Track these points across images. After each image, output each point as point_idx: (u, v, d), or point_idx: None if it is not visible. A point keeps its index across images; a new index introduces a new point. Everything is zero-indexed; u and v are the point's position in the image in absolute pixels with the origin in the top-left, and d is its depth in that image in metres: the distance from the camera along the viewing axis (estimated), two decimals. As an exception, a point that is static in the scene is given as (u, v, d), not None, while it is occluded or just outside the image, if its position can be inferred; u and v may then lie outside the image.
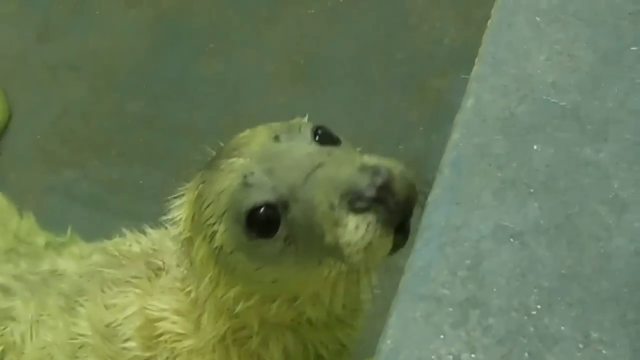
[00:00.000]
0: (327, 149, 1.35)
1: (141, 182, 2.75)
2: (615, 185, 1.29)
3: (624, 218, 1.25)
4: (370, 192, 1.26)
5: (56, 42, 3.25)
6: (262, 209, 1.31)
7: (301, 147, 1.34)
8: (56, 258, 1.87)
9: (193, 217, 1.41)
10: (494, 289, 1.20)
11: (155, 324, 1.59)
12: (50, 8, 3.31)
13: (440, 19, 2.93)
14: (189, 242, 1.45)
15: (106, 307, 1.67)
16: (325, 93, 2.89)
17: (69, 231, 2.11)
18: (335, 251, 1.31)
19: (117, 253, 1.76)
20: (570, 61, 1.42)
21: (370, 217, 1.27)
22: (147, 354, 1.59)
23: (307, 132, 1.37)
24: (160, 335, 1.58)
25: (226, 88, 3.00)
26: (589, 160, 1.32)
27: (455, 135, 1.38)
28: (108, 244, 1.86)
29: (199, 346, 1.55)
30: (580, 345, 1.13)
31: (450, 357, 1.15)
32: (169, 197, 1.50)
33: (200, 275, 1.44)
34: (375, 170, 1.27)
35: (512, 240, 1.24)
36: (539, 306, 1.18)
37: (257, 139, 1.38)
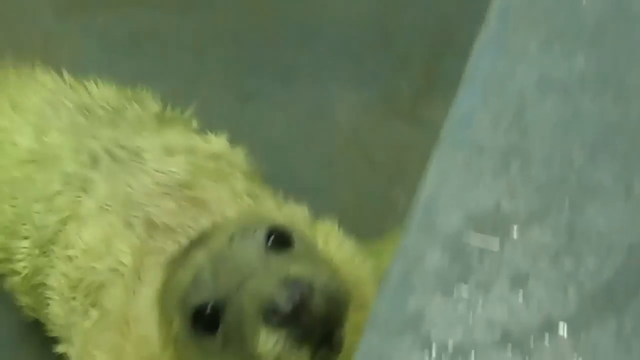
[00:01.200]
0: (268, 256, 1.39)
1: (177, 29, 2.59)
2: None
3: None
4: (285, 308, 1.28)
5: None
6: (206, 308, 1.37)
7: (247, 253, 1.38)
8: (152, 135, 1.81)
9: (159, 296, 1.48)
10: (537, 139, 1.19)
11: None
12: None
13: None
14: (160, 312, 1.50)
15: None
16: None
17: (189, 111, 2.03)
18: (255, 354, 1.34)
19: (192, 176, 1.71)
20: None
21: (281, 332, 1.31)
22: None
23: (260, 236, 1.41)
24: None
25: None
26: (638, 15, 1.28)
27: (503, -15, 1.35)
28: (199, 147, 1.81)
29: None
30: (622, 197, 1.13)
31: (490, 204, 1.14)
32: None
33: (164, 347, 1.48)
34: (294, 285, 1.29)
35: (557, 90, 1.23)
36: (582, 157, 1.17)
37: (217, 237, 1.43)
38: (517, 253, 1.10)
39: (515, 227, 1.12)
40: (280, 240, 1.41)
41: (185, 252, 1.44)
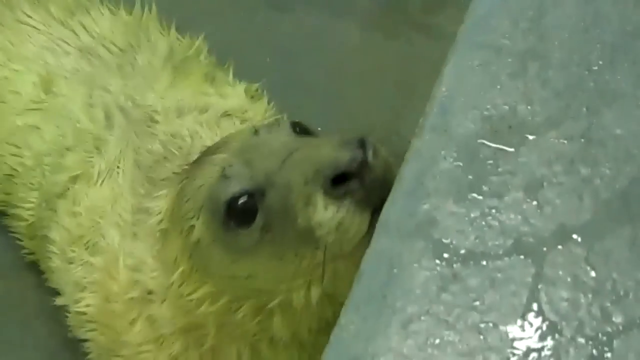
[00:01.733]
0: (304, 138, 1.21)
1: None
2: None
3: None
4: (347, 167, 1.10)
5: None
6: (239, 199, 1.18)
7: (279, 138, 1.21)
8: (166, 91, 1.66)
9: (173, 210, 1.28)
10: (556, 42, 1.08)
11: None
12: None
13: None
14: (165, 234, 1.31)
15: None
16: None
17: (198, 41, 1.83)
18: (309, 236, 1.14)
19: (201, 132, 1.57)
20: None
21: (344, 197, 1.12)
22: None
23: (286, 126, 1.24)
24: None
25: None
26: None
27: None
28: (212, 104, 1.66)
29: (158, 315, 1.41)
30: None
31: (506, 107, 1.04)
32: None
33: (171, 270, 1.30)
34: (357, 144, 1.11)
35: None
36: (600, 62, 1.06)
37: (238, 136, 1.26)
38: (533, 159, 1.00)
39: (531, 131, 1.02)
40: (304, 131, 1.26)
41: (199, 162, 1.31)
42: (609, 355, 0.87)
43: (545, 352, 0.88)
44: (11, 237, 1.87)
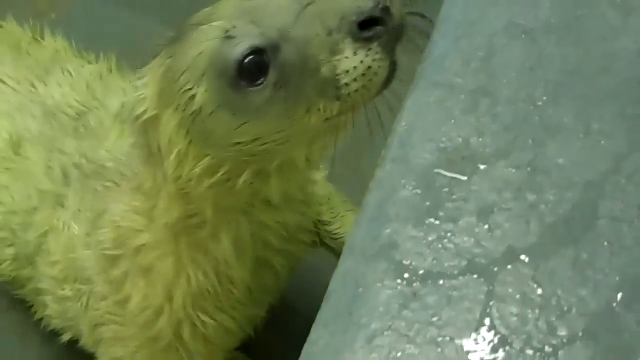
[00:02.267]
0: None
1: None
2: None
3: (630, 20, 1.09)
4: (373, 12, 1.02)
5: None
6: (249, 56, 1.05)
7: None
8: (115, 144, 1.57)
9: (160, 92, 1.14)
10: (504, 80, 1.07)
11: (117, 225, 1.39)
12: None
13: None
14: (152, 121, 1.16)
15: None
16: None
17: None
18: (330, 88, 1.06)
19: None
20: None
21: (370, 40, 1.05)
22: (118, 252, 1.41)
23: None
24: (123, 235, 1.39)
25: None
26: (599, -34, 1.14)
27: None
28: None
29: (151, 240, 1.34)
30: (581, 135, 1.01)
31: (460, 139, 1.03)
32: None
33: (165, 154, 1.16)
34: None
35: (523, 36, 1.10)
36: (544, 98, 1.05)
37: (226, 4, 1.11)
38: (484, 186, 0.99)
39: (482, 161, 1.01)
40: None
41: (182, 37, 1.13)
42: (554, 366, 0.87)
43: (497, 364, 0.88)
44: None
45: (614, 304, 0.88)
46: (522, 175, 0.98)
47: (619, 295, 0.88)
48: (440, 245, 0.94)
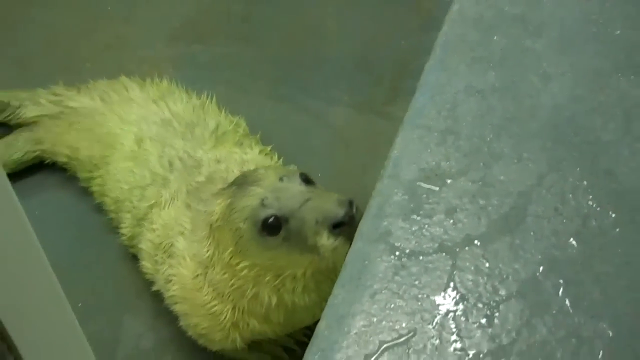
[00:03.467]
0: (311, 188, 1.26)
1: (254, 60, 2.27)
2: (544, 65, 1.18)
3: (549, 85, 1.15)
4: (344, 219, 1.17)
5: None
6: (271, 219, 1.22)
7: (296, 187, 1.25)
8: (207, 153, 1.63)
9: (224, 215, 1.30)
10: (464, 124, 1.12)
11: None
12: None
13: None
14: (219, 229, 1.32)
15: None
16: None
17: (236, 120, 1.79)
18: (314, 249, 1.22)
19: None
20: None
21: (338, 234, 1.19)
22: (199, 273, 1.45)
23: (297, 175, 1.28)
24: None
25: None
26: (529, 48, 1.21)
27: (444, 28, 1.26)
28: (237, 157, 1.63)
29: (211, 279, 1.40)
30: (515, 161, 1.06)
31: (434, 163, 1.08)
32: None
33: (223, 249, 1.32)
34: (348, 205, 1.18)
35: (476, 94, 1.16)
36: (491, 135, 1.10)
37: (269, 177, 1.29)
38: (450, 194, 1.04)
39: (449, 178, 1.06)
40: (307, 180, 1.31)
41: (242, 188, 1.31)
42: (497, 314, 0.90)
43: (458, 313, 0.91)
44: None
45: (537, 274, 0.93)
46: (475, 187, 1.03)
47: (541, 268, 0.93)
48: (420, 233, 0.99)
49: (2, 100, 1.93)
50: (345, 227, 1.17)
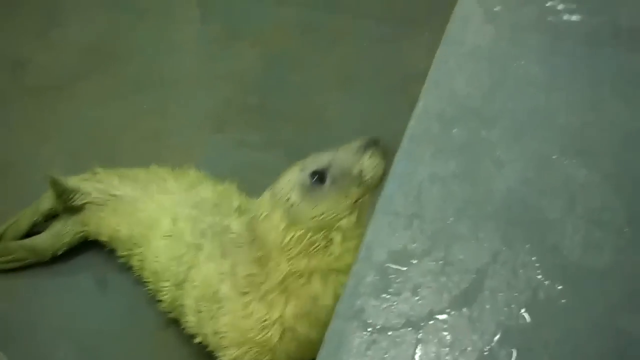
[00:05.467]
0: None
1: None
2: (498, 153, 1.29)
3: (502, 171, 1.26)
4: (372, 139, 1.57)
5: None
6: (317, 174, 1.55)
7: (324, 156, 1.62)
8: (234, 220, 1.87)
9: (271, 199, 1.58)
10: (428, 209, 1.22)
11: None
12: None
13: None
14: (266, 217, 1.58)
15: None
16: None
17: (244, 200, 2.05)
18: (356, 179, 1.54)
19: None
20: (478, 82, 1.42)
21: (373, 153, 1.56)
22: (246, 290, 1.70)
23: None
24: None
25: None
26: (485, 138, 1.32)
27: (410, 122, 1.39)
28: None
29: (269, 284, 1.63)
30: (473, 241, 1.16)
31: (400, 245, 1.17)
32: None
33: (275, 231, 1.57)
34: (374, 138, 1.58)
35: (439, 181, 1.26)
36: (452, 219, 1.20)
37: (306, 160, 1.65)
38: (415, 273, 1.12)
39: (414, 258, 1.15)
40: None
41: (274, 184, 1.64)
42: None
43: None
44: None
45: (492, 344, 1.02)
46: (438, 266, 1.12)
47: (495, 338, 1.02)
48: (389, 310, 1.07)
49: (73, 188, 2.16)
50: (377, 147, 1.53)
